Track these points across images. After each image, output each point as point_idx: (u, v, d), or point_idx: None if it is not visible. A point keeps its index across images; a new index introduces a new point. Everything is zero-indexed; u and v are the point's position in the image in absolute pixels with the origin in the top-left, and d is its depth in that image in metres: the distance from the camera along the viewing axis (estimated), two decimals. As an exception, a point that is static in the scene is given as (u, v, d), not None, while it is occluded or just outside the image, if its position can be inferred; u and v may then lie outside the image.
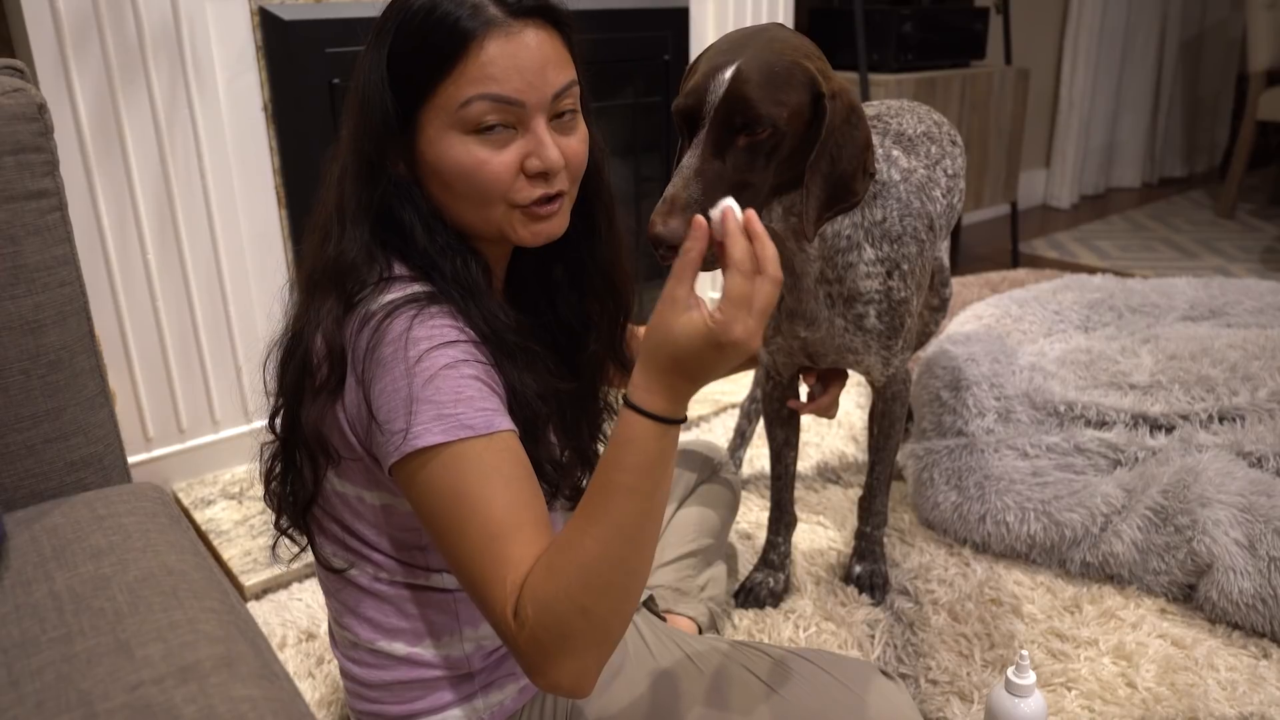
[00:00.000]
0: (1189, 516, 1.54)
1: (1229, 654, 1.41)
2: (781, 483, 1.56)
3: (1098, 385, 1.92)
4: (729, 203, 0.80)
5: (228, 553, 1.69)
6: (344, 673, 1.03)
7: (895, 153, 1.26)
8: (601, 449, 1.04)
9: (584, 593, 0.75)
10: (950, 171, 1.41)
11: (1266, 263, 3.45)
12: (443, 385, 0.81)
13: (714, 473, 1.49)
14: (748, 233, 0.77)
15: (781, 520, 1.58)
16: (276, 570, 1.63)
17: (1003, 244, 3.71)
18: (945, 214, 1.40)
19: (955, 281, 2.92)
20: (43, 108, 0.97)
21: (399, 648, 0.98)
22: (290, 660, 1.45)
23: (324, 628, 1.52)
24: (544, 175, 0.89)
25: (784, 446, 1.54)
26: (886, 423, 1.48)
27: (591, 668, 0.77)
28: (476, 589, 0.80)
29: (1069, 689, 1.35)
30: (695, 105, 0.96)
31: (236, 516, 1.81)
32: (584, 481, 1.00)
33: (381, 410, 0.82)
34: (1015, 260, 3.52)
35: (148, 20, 1.66)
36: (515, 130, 0.88)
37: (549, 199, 0.91)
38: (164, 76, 1.70)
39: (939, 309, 1.79)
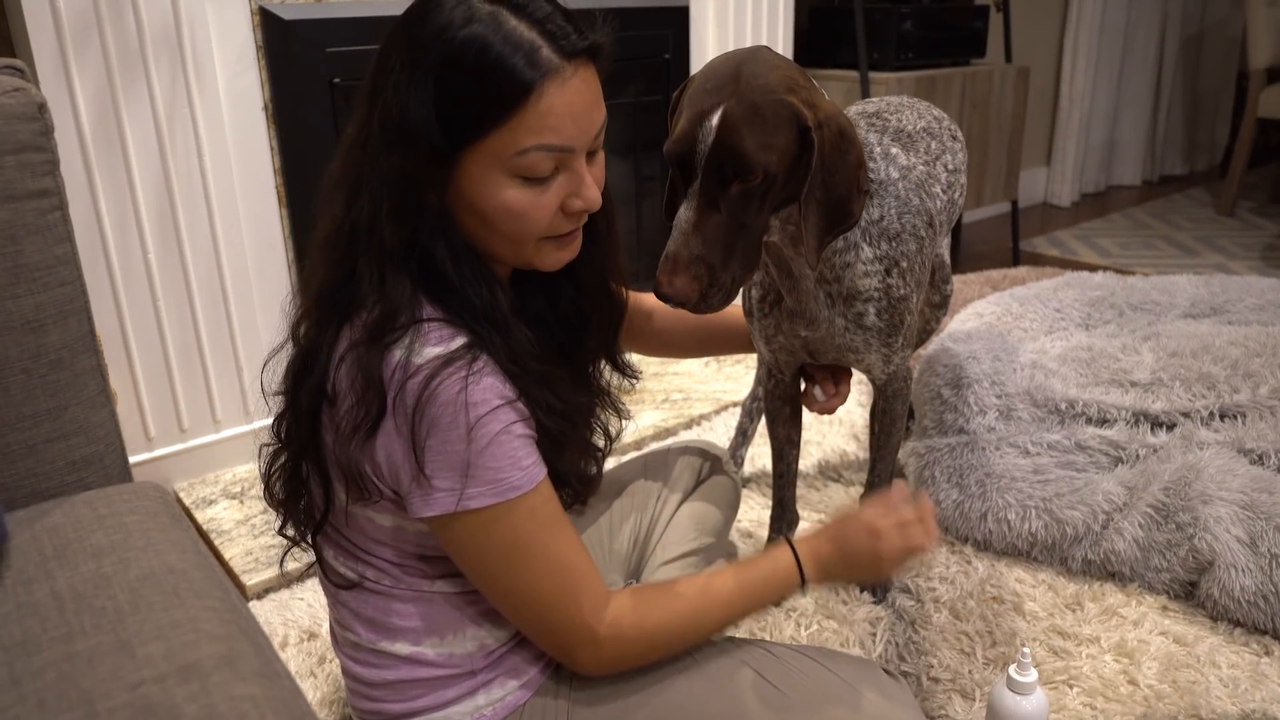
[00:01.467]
0: (1190, 514, 1.53)
1: (1231, 651, 1.41)
2: (783, 481, 1.56)
3: (1099, 383, 1.92)
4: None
5: (229, 552, 1.69)
6: (346, 672, 1.04)
7: (894, 150, 1.26)
8: (599, 440, 1.08)
9: (675, 638, 0.97)
10: (951, 167, 1.41)
11: (1267, 260, 3.45)
12: (498, 452, 0.85)
13: (714, 471, 1.49)
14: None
15: (783, 518, 1.58)
16: (278, 570, 1.63)
17: (1004, 242, 3.71)
18: (945, 210, 1.40)
19: (956, 279, 2.92)
20: (43, 107, 0.97)
21: (402, 648, 0.98)
22: (292, 659, 1.45)
23: (325, 627, 1.52)
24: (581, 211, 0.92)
25: (786, 444, 1.54)
26: (887, 420, 1.48)
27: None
28: (544, 608, 0.91)
29: (1071, 686, 1.35)
30: (686, 152, 0.97)
31: (238, 516, 1.81)
32: (589, 469, 1.04)
33: (429, 465, 0.84)
34: (1016, 258, 3.52)
35: (148, 20, 1.66)
36: (558, 170, 0.89)
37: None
38: (164, 76, 1.70)
39: (940, 306, 1.78)
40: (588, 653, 0.93)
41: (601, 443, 1.08)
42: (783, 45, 2.64)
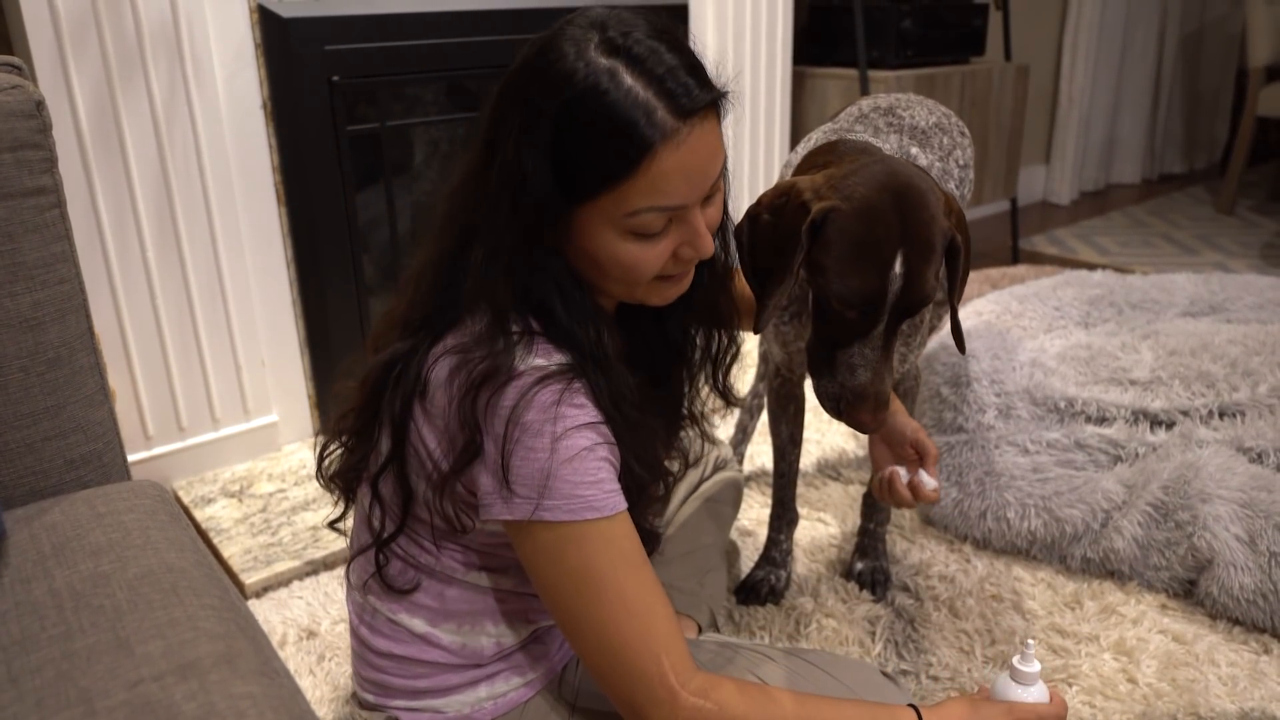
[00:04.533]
0: (1189, 512, 1.53)
1: (1230, 649, 1.41)
2: (785, 480, 1.56)
3: (1098, 381, 1.92)
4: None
5: (228, 550, 1.69)
6: (355, 633, 1.04)
7: (914, 150, 1.25)
8: (674, 465, 1.05)
9: None
10: (961, 163, 1.41)
11: (1266, 258, 3.45)
12: (580, 467, 0.85)
13: (717, 469, 1.49)
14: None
15: (784, 517, 1.58)
16: (277, 568, 1.63)
17: (1003, 240, 3.71)
18: None
19: (955, 278, 2.91)
20: (41, 104, 0.97)
21: (418, 625, 0.99)
22: (291, 658, 1.45)
23: (324, 625, 1.52)
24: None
25: (789, 444, 1.54)
26: (889, 419, 1.48)
27: None
28: (620, 654, 0.86)
29: (1070, 685, 1.35)
30: (876, 300, 0.98)
31: (237, 514, 1.80)
32: (657, 525, 1.02)
33: (513, 470, 0.84)
34: (1015, 256, 3.52)
35: (146, 17, 1.65)
36: (671, 223, 0.88)
37: None
38: (163, 74, 1.70)
39: (944, 304, 1.78)
40: (663, 713, 0.86)
41: (675, 467, 1.05)
42: (781, 42, 2.64)
